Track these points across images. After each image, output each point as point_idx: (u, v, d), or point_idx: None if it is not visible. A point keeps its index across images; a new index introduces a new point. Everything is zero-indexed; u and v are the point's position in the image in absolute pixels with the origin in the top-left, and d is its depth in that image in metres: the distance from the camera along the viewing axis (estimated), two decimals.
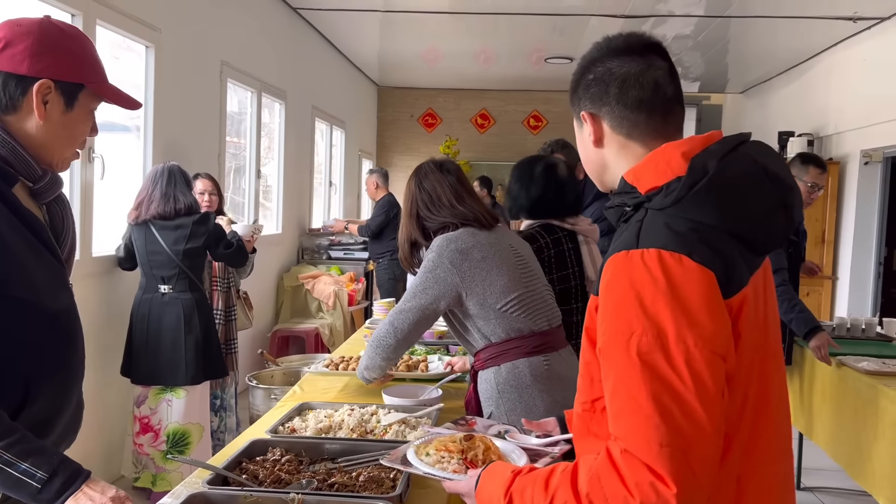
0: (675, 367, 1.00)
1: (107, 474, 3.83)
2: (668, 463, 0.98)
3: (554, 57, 8.24)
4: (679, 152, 1.14)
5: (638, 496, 0.98)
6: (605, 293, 1.09)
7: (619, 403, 1.04)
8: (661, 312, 1.02)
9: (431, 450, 1.46)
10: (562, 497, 1.06)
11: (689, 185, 1.10)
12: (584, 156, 1.32)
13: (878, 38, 6.24)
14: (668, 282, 1.03)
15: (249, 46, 5.67)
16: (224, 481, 1.69)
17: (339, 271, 6.85)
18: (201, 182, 4.13)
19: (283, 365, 3.88)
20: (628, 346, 1.03)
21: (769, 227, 1.13)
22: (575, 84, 1.30)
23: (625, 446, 1.01)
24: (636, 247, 1.08)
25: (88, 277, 3.68)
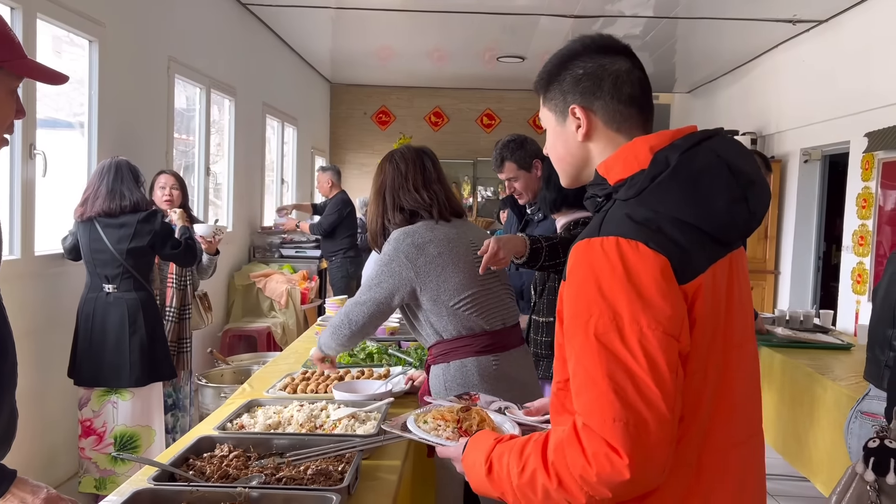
0: (629, 347, 1.07)
1: (49, 478, 3.74)
2: (620, 436, 1.05)
3: (506, 56, 8.30)
4: (647, 146, 1.22)
5: (595, 466, 1.07)
6: (569, 279, 1.17)
7: (579, 381, 1.12)
8: (617, 296, 1.09)
9: (429, 418, 1.54)
10: (532, 464, 1.15)
11: (651, 177, 1.17)
12: (564, 150, 1.34)
13: (815, 40, 6.46)
14: (624, 267, 1.10)
15: (198, 42, 5.59)
16: (171, 478, 1.68)
17: (291, 269, 6.80)
18: (164, 177, 4.10)
19: (234, 364, 3.84)
20: (587, 328, 1.10)
21: (730, 219, 1.18)
22: (554, 78, 1.32)
23: (584, 421, 1.09)
24: (598, 235, 1.15)
25: (31, 277, 3.60)
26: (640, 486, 1.08)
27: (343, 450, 1.81)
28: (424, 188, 2.36)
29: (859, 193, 5.50)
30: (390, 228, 2.34)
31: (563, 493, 1.11)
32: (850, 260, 5.59)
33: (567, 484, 1.10)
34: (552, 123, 1.35)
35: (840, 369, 3.45)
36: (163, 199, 4.04)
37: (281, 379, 2.66)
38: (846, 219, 5.74)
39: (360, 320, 2.26)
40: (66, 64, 4.22)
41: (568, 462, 1.09)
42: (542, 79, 1.36)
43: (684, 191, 1.16)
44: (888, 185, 5.15)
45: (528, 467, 1.15)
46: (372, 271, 2.25)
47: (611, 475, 1.06)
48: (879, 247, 5.23)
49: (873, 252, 5.29)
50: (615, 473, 1.05)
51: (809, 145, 6.54)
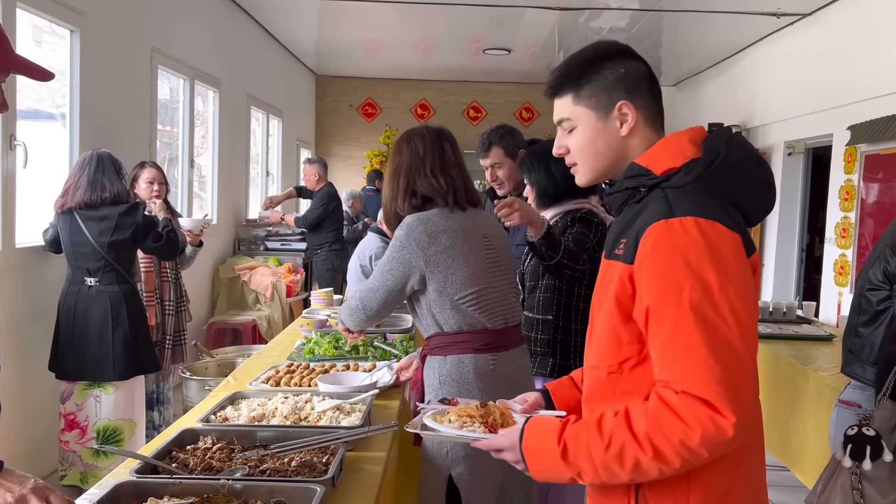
0: (722, 316, 1.17)
1: (33, 471, 3.68)
2: (725, 398, 1.14)
3: (492, 48, 8.29)
4: (686, 139, 1.33)
5: (699, 429, 1.14)
6: (648, 258, 1.23)
7: (675, 352, 1.19)
8: (706, 270, 1.19)
9: (453, 416, 1.52)
10: (619, 438, 1.20)
11: (706, 165, 1.29)
12: (604, 146, 1.37)
13: (800, 33, 6.50)
14: (706, 243, 1.20)
15: (181, 32, 5.53)
16: (153, 470, 1.67)
17: (276, 262, 6.77)
18: (148, 171, 4.04)
19: (218, 357, 3.82)
20: (680, 301, 1.19)
21: (762, 203, 1.34)
22: (592, 74, 1.37)
23: (683, 388, 1.17)
24: (672, 216, 1.23)
25: (12, 269, 3.56)
26: (738, 441, 1.16)
27: (327, 441, 1.81)
28: (441, 173, 2.26)
29: (842, 186, 5.54)
30: (402, 214, 2.27)
31: (657, 462, 1.17)
32: (833, 252, 5.64)
33: (664, 451, 1.16)
34: (591, 120, 1.37)
35: (822, 360, 3.48)
36: (151, 193, 3.99)
37: (265, 371, 2.64)
38: (829, 211, 5.79)
39: (375, 307, 2.25)
40: (47, 55, 4.17)
41: (665, 430, 1.16)
42: (570, 77, 1.39)
43: (733, 177, 1.29)
44: (870, 177, 5.19)
45: (614, 442, 1.20)
46: (385, 256, 2.21)
47: (715, 435, 1.14)
48: (861, 239, 5.27)
49: (855, 244, 5.33)
50: (719, 433, 1.14)
51: (793, 138, 6.58)
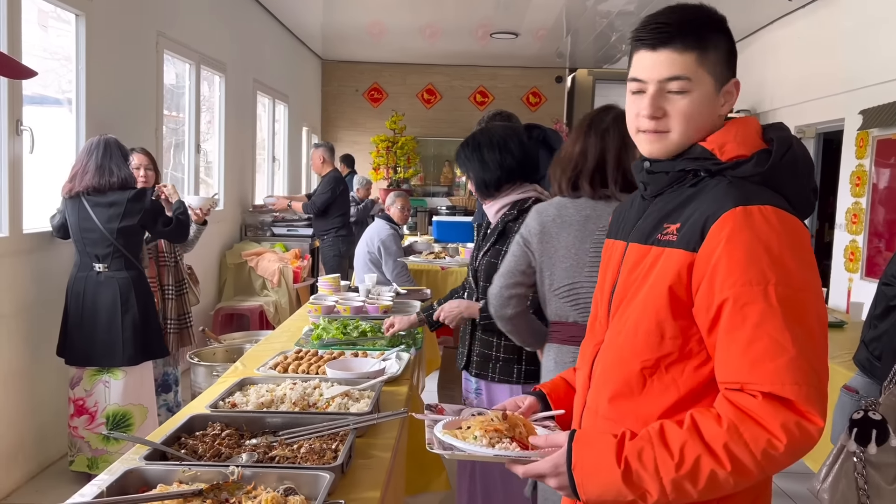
0: (809, 313, 1.10)
1: (40, 457, 3.73)
2: (814, 401, 1.05)
3: (499, 32, 8.22)
4: (754, 128, 1.25)
5: (786, 436, 1.04)
6: (726, 247, 1.13)
7: (760, 349, 1.08)
8: (790, 262, 1.10)
9: (478, 432, 1.34)
10: (692, 452, 1.08)
11: (780, 155, 1.20)
12: (706, 119, 1.23)
13: (811, 17, 6.42)
14: (788, 235, 1.13)
15: (187, 17, 5.49)
16: (162, 457, 1.67)
17: (283, 248, 6.77)
18: (136, 157, 3.99)
19: (226, 342, 3.82)
20: (766, 294, 1.09)
21: (809, 204, 1.26)
22: (713, 42, 1.22)
23: (768, 389, 1.06)
24: (748, 204, 1.14)
25: (20, 254, 3.55)
26: (812, 446, 1.08)
27: (337, 428, 1.80)
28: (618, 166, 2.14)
29: (853, 171, 5.49)
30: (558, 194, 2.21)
31: (735, 476, 1.07)
32: (843, 238, 5.59)
33: (745, 463, 1.06)
34: (709, 89, 1.22)
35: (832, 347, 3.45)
36: (139, 180, 3.87)
37: (273, 357, 2.64)
38: (840, 197, 5.73)
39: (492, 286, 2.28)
40: (53, 39, 4.15)
41: (747, 439, 1.05)
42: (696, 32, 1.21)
43: (799, 172, 1.22)
44: (883, 162, 5.14)
45: (687, 457, 1.08)
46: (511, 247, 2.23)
47: (802, 441, 1.05)
48: (873, 225, 5.23)
49: (866, 230, 5.29)
50: (806, 439, 1.05)
51: (804, 122, 6.52)
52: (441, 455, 1.34)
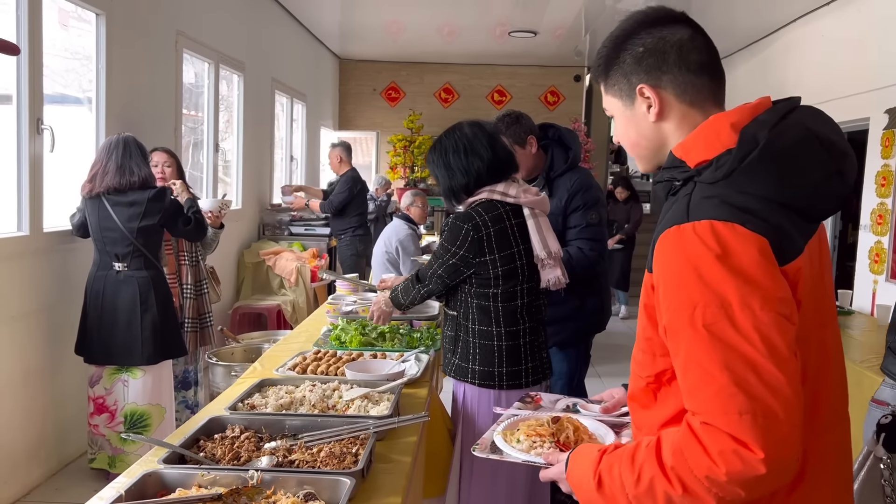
0: (743, 334, 1.00)
1: (61, 454, 3.74)
2: (750, 429, 0.98)
3: (517, 31, 8.17)
4: (728, 123, 1.13)
5: (723, 465, 0.99)
6: (661, 271, 1.09)
7: (693, 378, 1.04)
8: (721, 281, 1.02)
9: (521, 436, 1.44)
10: (648, 472, 1.07)
11: (740, 158, 1.09)
12: (636, 135, 1.26)
13: (836, 13, 6.31)
14: (723, 250, 1.03)
15: (206, 16, 5.50)
16: (181, 459, 1.65)
17: (301, 247, 6.77)
18: (156, 155, 4.01)
19: (244, 342, 3.82)
20: (693, 320, 1.03)
21: (825, 194, 1.12)
22: (613, 62, 1.25)
23: (704, 419, 1.02)
24: (686, 220, 1.07)
25: (40, 253, 3.57)
26: (777, 480, 1.01)
27: (357, 431, 1.77)
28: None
29: (879, 171, 5.39)
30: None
31: (688, 499, 1.04)
32: (868, 239, 5.50)
33: (693, 488, 1.03)
34: (619, 109, 1.27)
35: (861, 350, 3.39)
36: (157, 176, 3.92)
37: (292, 358, 2.62)
38: (864, 197, 5.63)
39: None
40: (73, 39, 4.17)
41: (690, 465, 1.02)
42: (599, 65, 1.28)
43: (777, 170, 1.08)
44: None
45: (643, 476, 1.08)
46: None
47: (743, 472, 0.99)
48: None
49: (892, 231, 5.19)
50: (748, 469, 0.98)
51: None
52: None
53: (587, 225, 3.06)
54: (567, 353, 3.21)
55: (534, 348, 2.46)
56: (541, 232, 2.46)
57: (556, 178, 3.14)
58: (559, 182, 3.13)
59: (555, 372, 3.00)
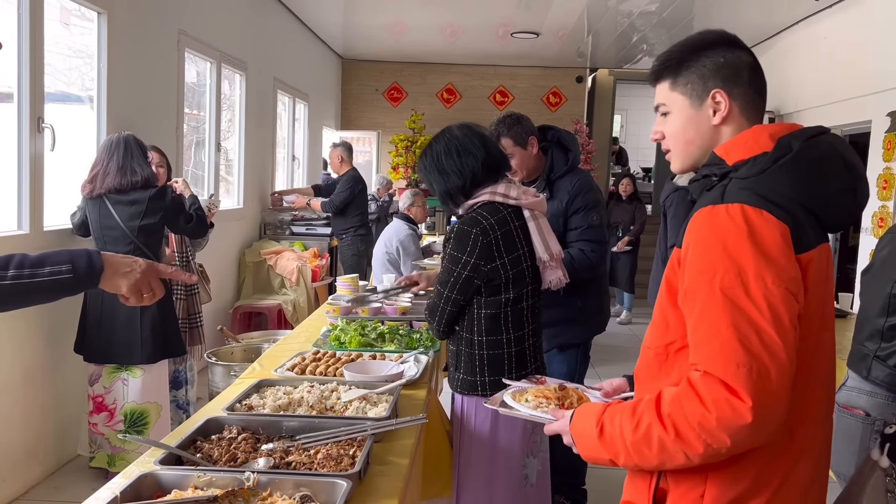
0: (754, 300, 1.15)
1: (61, 453, 3.74)
2: (744, 381, 1.11)
3: (520, 32, 8.17)
4: (767, 133, 1.32)
5: (715, 411, 1.12)
6: (691, 241, 1.25)
7: (702, 333, 1.18)
8: (743, 254, 1.17)
9: (530, 396, 1.62)
10: (647, 419, 1.21)
11: (774, 159, 1.27)
12: (695, 134, 1.38)
13: (838, 16, 6.30)
14: (749, 229, 1.19)
15: (208, 15, 5.50)
16: (177, 461, 1.65)
17: (302, 247, 6.77)
18: (150, 155, 4.01)
19: (244, 342, 3.82)
20: (712, 284, 1.18)
21: (838, 206, 1.29)
22: (689, 63, 1.37)
23: (705, 368, 1.15)
24: (721, 202, 1.24)
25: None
26: (760, 432, 1.12)
27: (354, 433, 1.77)
28: None
29: (880, 174, 5.38)
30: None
31: (679, 444, 1.16)
32: (870, 242, 5.49)
33: (684, 433, 1.15)
34: (683, 107, 1.38)
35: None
36: None
37: (291, 358, 2.62)
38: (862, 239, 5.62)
39: None
40: (75, 37, 4.17)
41: (686, 412, 1.15)
42: (669, 64, 1.40)
43: (804, 174, 1.25)
44: None
45: (642, 423, 1.21)
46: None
47: (732, 419, 1.11)
48: None
49: None
50: (736, 417, 1.10)
51: (829, 125, 6.41)
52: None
53: (588, 226, 3.06)
54: (567, 355, 3.21)
55: (535, 350, 2.46)
56: (542, 234, 2.43)
57: (556, 180, 3.14)
58: (559, 184, 3.12)
59: (555, 374, 2.99)
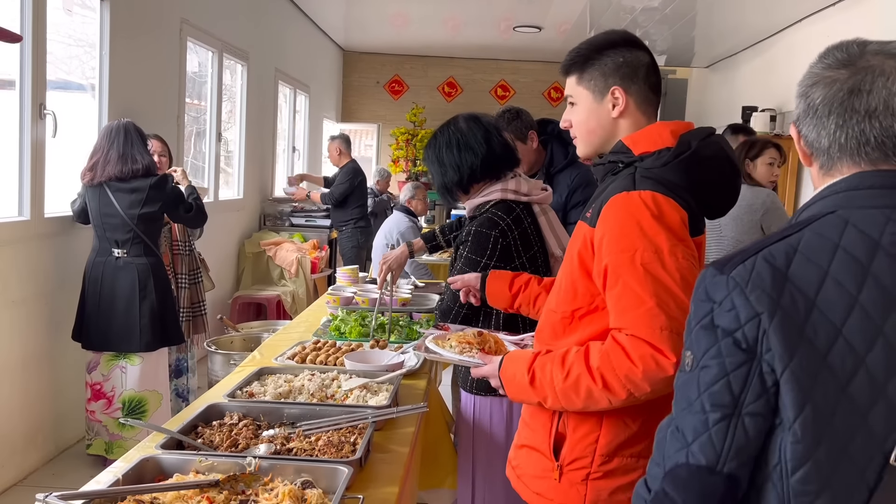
0: (669, 272, 1.34)
1: (59, 439, 3.75)
2: (667, 340, 1.31)
3: (522, 26, 8.16)
4: (669, 130, 1.51)
5: (641, 365, 1.32)
6: (608, 224, 1.42)
7: (626, 302, 1.36)
8: (657, 234, 1.37)
9: (453, 342, 1.76)
10: (576, 370, 1.39)
11: (676, 154, 1.46)
12: (596, 124, 1.56)
13: (840, 15, 6.30)
14: (659, 212, 1.39)
15: (211, 4, 5.49)
16: (179, 445, 1.65)
17: (301, 238, 6.77)
18: (151, 143, 4.00)
19: (244, 331, 3.82)
20: (633, 260, 1.36)
21: (721, 197, 1.55)
22: (593, 61, 1.55)
23: (631, 332, 1.34)
24: (634, 189, 1.41)
25: (41, 238, 3.57)
26: (666, 378, 1.31)
27: (355, 421, 1.78)
28: None
29: None
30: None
31: (606, 392, 1.36)
32: None
33: (611, 384, 1.35)
34: (587, 100, 1.56)
35: None
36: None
37: (291, 347, 2.62)
38: None
39: None
40: (77, 26, 4.16)
41: (614, 365, 1.34)
42: (577, 60, 1.57)
43: (697, 169, 1.45)
44: None
45: (572, 373, 1.40)
46: None
47: (656, 372, 1.31)
48: None
49: None
50: (660, 370, 1.30)
51: None
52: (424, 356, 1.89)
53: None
54: None
55: None
56: (553, 229, 2.39)
57: (556, 174, 3.14)
58: (559, 178, 3.13)
59: None
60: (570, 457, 1.49)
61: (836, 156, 1.03)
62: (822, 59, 1.10)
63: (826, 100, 1.04)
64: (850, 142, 1.01)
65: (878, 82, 1.01)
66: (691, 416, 0.96)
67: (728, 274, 0.95)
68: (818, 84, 1.06)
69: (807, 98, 1.07)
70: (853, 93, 1.01)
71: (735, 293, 0.93)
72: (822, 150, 1.05)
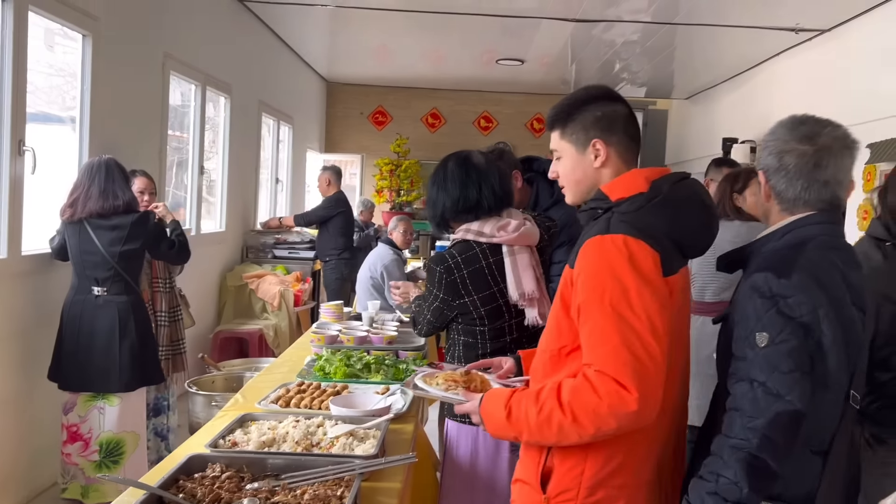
0: (636, 313, 1.42)
1: (34, 483, 3.63)
2: (630, 377, 1.38)
3: (505, 58, 8.23)
4: (643, 176, 1.60)
5: (606, 400, 1.39)
6: (583, 265, 1.51)
7: (595, 339, 1.45)
8: (626, 276, 1.44)
9: (440, 380, 1.83)
10: (549, 406, 1.46)
11: (649, 199, 1.56)
12: (579, 174, 1.67)
13: (818, 49, 6.41)
14: (630, 255, 1.46)
15: (194, 38, 5.48)
16: (159, 501, 1.59)
17: (284, 271, 6.70)
18: (139, 181, 3.94)
19: (225, 370, 3.74)
20: (602, 300, 1.44)
21: (696, 238, 1.62)
22: (574, 116, 1.65)
23: (598, 368, 1.41)
24: (607, 233, 1.49)
25: (18, 277, 3.49)
26: (643, 417, 1.39)
27: (342, 472, 1.72)
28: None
29: (860, 205, 5.44)
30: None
31: (575, 427, 1.43)
32: None
33: (580, 418, 1.42)
34: (571, 153, 1.67)
35: None
36: (142, 205, 3.77)
37: (275, 390, 2.56)
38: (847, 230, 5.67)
39: None
40: (59, 57, 4.12)
41: (583, 401, 1.41)
42: (559, 116, 1.68)
43: (670, 213, 1.55)
44: None
45: (545, 409, 1.46)
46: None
47: (619, 406, 1.38)
48: None
49: None
50: (623, 405, 1.38)
51: None
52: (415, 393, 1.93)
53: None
54: None
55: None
56: (516, 272, 2.40)
57: (543, 212, 3.12)
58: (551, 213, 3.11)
59: None
60: (556, 489, 1.55)
61: (799, 203, 1.64)
62: (791, 130, 1.66)
63: (797, 167, 1.62)
64: (811, 198, 1.63)
65: (831, 161, 1.61)
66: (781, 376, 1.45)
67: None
68: (791, 153, 1.63)
69: (780, 159, 1.64)
70: (817, 167, 1.61)
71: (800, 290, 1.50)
72: (787, 198, 1.64)
